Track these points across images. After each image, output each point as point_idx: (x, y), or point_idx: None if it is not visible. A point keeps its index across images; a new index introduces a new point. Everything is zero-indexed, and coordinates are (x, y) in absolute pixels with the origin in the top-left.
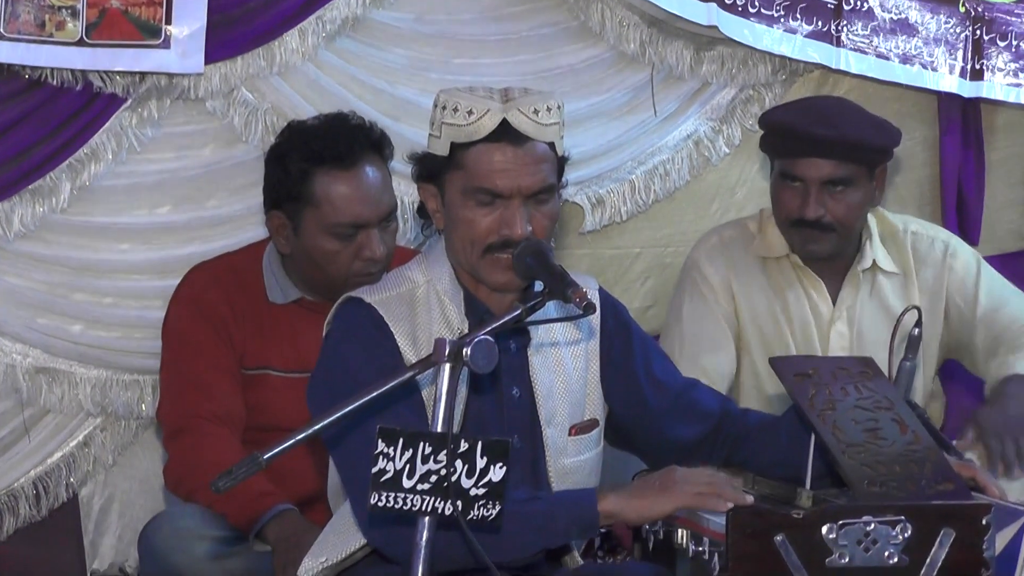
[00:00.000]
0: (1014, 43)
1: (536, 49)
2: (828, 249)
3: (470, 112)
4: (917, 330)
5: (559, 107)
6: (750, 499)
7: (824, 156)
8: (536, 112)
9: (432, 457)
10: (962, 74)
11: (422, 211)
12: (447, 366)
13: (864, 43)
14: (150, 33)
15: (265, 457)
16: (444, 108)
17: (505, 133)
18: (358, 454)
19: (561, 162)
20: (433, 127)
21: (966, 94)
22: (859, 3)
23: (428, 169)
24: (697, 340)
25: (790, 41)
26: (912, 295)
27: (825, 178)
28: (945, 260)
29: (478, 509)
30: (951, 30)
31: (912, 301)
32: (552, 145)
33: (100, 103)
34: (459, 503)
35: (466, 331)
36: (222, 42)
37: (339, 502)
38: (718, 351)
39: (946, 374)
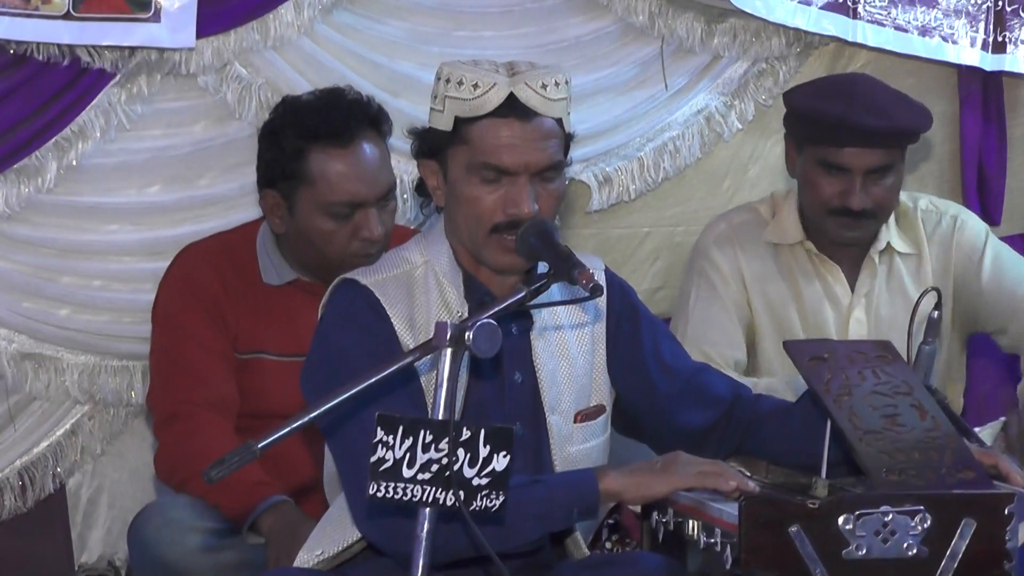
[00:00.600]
0: None
1: (540, 21)
2: (866, 235)
3: (475, 86)
4: (936, 312)
5: (567, 82)
6: (753, 485)
7: (874, 146)
8: (544, 87)
9: (433, 446)
10: (984, 47)
11: (420, 189)
12: (449, 351)
13: (882, 14)
14: (139, 6)
15: (259, 446)
16: (448, 81)
17: (512, 108)
18: (355, 443)
19: (568, 139)
20: (435, 100)
21: (988, 67)
22: None
23: (429, 144)
24: (705, 330)
25: (804, 12)
26: (926, 275)
27: (872, 167)
28: (953, 235)
29: (481, 499)
30: (972, 1)
31: (927, 281)
32: (559, 121)
33: (88, 79)
34: (461, 493)
35: (466, 315)
36: (214, 15)
37: (335, 492)
38: (727, 341)
39: (969, 352)
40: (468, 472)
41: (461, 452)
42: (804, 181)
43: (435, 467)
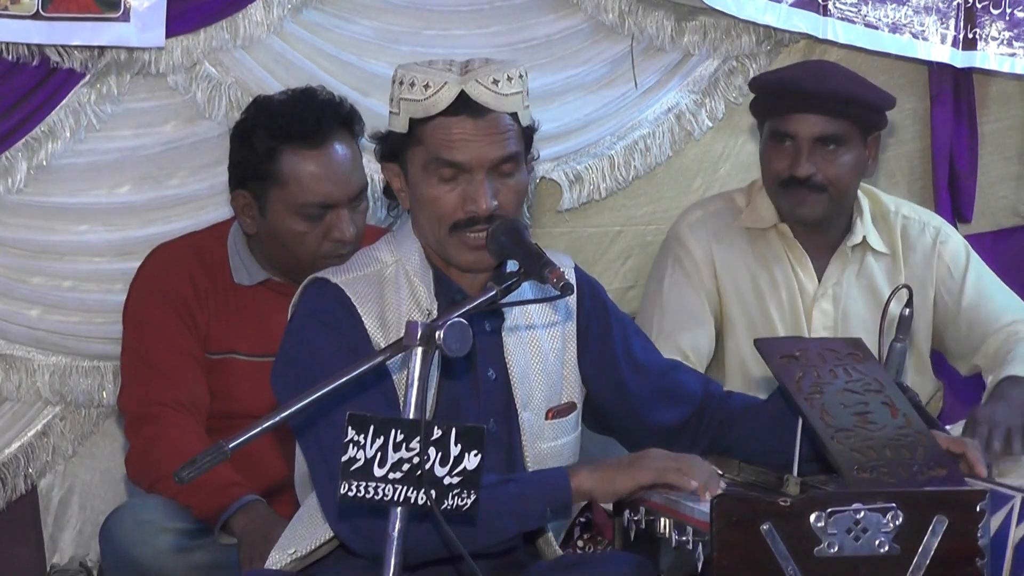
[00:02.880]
0: (1008, 11)
1: (510, 20)
2: (819, 212)
3: (427, 86)
4: (908, 310)
5: (521, 76)
6: (721, 484)
7: (815, 111)
8: (496, 83)
9: (404, 445)
10: (954, 43)
11: (388, 191)
12: (419, 350)
13: (852, 12)
14: (108, 5)
15: (230, 446)
16: (402, 83)
17: (464, 105)
18: (326, 442)
19: (527, 132)
20: (392, 104)
21: (958, 64)
22: None
23: (390, 147)
24: (677, 316)
25: (775, 10)
26: (899, 277)
27: (817, 135)
28: (935, 247)
29: (452, 498)
30: None
31: (899, 282)
32: (515, 116)
33: (57, 79)
34: (433, 492)
35: (435, 311)
36: (183, 14)
37: (307, 492)
38: (697, 328)
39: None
40: (439, 471)
41: (432, 451)
42: (761, 159)
43: (406, 466)
